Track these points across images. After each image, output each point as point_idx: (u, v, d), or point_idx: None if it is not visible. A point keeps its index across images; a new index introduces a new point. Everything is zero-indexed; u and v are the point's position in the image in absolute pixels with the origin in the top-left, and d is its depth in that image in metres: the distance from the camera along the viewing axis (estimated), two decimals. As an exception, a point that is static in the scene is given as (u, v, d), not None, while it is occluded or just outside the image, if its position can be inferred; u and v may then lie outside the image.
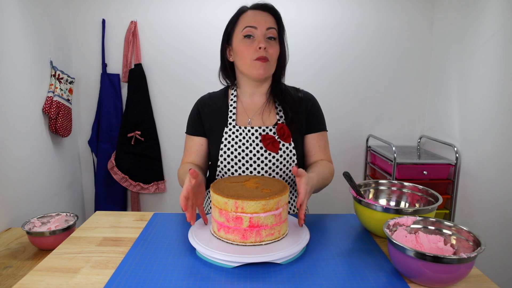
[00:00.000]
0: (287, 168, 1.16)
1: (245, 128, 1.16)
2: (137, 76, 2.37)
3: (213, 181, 1.21)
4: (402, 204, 1.12)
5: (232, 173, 1.16)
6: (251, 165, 1.14)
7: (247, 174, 1.14)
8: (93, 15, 2.34)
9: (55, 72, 2.04)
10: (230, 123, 1.17)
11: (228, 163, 1.15)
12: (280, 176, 1.16)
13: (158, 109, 2.47)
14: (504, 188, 1.75)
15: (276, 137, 1.15)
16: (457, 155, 2.11)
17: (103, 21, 2.34)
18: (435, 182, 2.16)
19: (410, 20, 2.42)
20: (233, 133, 1.16)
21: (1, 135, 1.60)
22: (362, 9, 2.39)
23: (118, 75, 2.40)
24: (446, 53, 2.28)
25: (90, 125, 2.46)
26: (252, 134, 1.16)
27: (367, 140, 2.57)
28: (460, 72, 2.13)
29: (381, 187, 1.15)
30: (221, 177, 1.18)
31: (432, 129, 2.45)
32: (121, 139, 2.40)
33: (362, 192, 1.12)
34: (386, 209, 0.94)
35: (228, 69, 1.23)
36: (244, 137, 1.15)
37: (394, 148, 2.12)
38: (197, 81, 2.41)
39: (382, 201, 1.14)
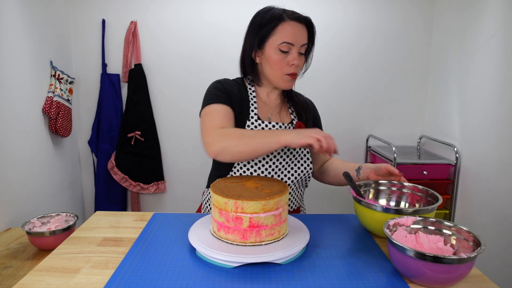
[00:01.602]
0: (301, 165, 1.18)
1: (269, 123, 1.17)
2: (137, 76, 2.37)
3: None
4: (402, 204, 1.12)
5: (248, 169, 1.14)
6: (266, 163, 1.13)
7: (247, 175, 1.14)
8: (93, 15, 2.34)
9: (55, 72, 2.04)
10: (252, 117, 1.16)
11: None
12: (295, 172, 1.17)
13: (158, 109, 2.47)
14: (504, 188, 1.75)
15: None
16: (457, 155, 2.11)
17: (103, 21, 2.34)
18: (435, 182, 2.16)
19: (410, 21, 2.42)
20: (255, 127, 1.15)
21: (1, 135, 1.60)
22: (363, 10, 2.39)
23: (118, 75, 2.40)
24: (446, 53, 2.28)
25: (90, 125, 2.46)
26: (274, 128, 1.17)
27: (367, 140, 2.57)
28: (460, 72, 2.12)
29: (381, 187, 1.15)
30: (234, 173, 1.16)
31: (432, 129, 2.45)
32: (121, 139, 2.40)
33: (362, 192, 1.12)
34: (386, 209, 0.94)
35: (250, 67, 1.18)
36: None
37: (394, 148, 2.12)
38: (197, 81, 2.41)
39: (382, 201, 1.14)
